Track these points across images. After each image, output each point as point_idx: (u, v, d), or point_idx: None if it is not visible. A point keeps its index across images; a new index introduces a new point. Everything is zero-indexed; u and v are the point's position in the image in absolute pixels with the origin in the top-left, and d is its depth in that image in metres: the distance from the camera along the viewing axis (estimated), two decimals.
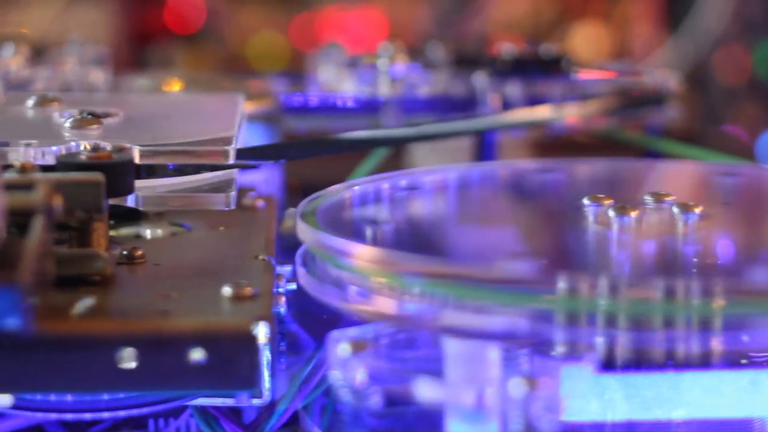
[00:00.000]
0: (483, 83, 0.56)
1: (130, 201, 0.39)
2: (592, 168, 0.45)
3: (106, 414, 0.38)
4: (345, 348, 0.33)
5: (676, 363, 0.35)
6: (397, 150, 0.59)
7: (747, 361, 0.36)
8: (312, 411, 0.40)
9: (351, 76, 0.57)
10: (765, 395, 0.36)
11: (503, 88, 0.56)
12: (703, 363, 0.34)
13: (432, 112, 0.55)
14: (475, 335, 0.32)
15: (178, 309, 0.35)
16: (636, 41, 1.26)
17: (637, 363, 0.34)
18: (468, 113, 0.54)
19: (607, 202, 0.40)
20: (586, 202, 0.41)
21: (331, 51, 0.59)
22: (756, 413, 0.36)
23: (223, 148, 0.39)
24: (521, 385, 0.31)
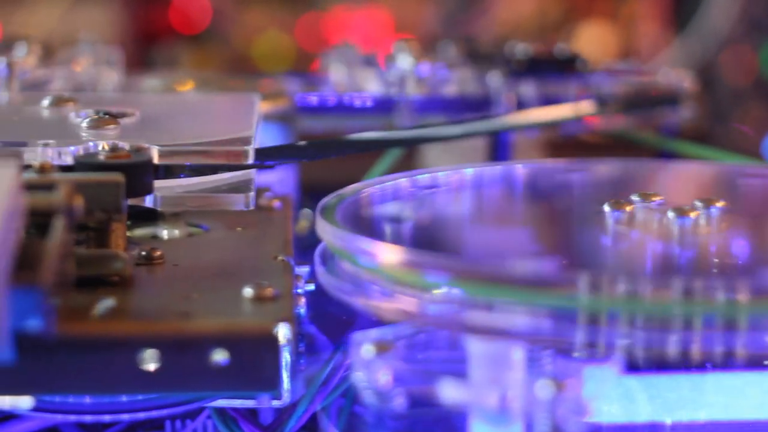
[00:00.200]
0: (498, 83, 0.55)
1: (148, 201, 0.39)
2: (613, 168, 0.45)
3: (125, 416, 0.38)
4: (369, 349, 0.33)
5: (699, 364, 0.34)
6: (409, 150, 0.58)
7: None
8: (329, 413, 0.40)
9: (369, 75, 0.56)
10: None
11: (518, 87, 0.55)
12: (727, 364, 0.34)
13: (446, 111, 0.54)
14: (499, 336, 0.32)
15: (199, 310, 0.34)
16: (642, 41, 1.26)
17: (661, 364, 0.34)
18: (483, 113, 0.54)
19: (631, 204, 0.40)
20: (608, 203, 0.40)
21: (344, 50, 0.58)
22: None
23: (243, 148, 0.39)
24: (548, 387, 0.31)
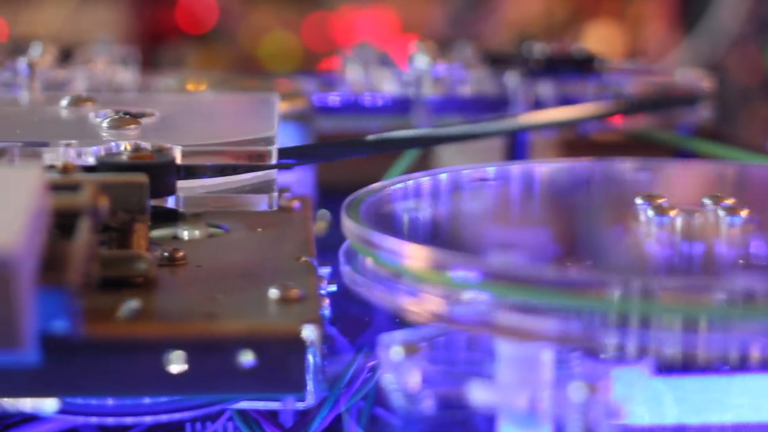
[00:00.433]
0: (515, 83, 0.55)
1: (170, 202, 0.38)
2: (641, 167, 0.45)
3: (147, 418, 0.38)
4: (398, 351, 0.33)
5: (726, 366, 0.34)
6: (425, 150, 0.58)
7: None
8: (350, 415, 0.39)
9: (386, 75, 0.56)
10: None
11: (535, 87, 0.55)
12: (754, 366, 0.33)
13: (463, 112, 0.54)
14: (529, 338, 0.32)
15: (225, 311, 0.34)
16: (650, 41, 1.26)
17: (689, 366, 0.34)
18: (501, 113, 0.54)
19: (660, 202, 0.40)
20: (639, 202, 0.40)
21: (362, 50, 0.58)
22: None
23: (267, 148, 0.39)
24: (581, 390, 0.31)
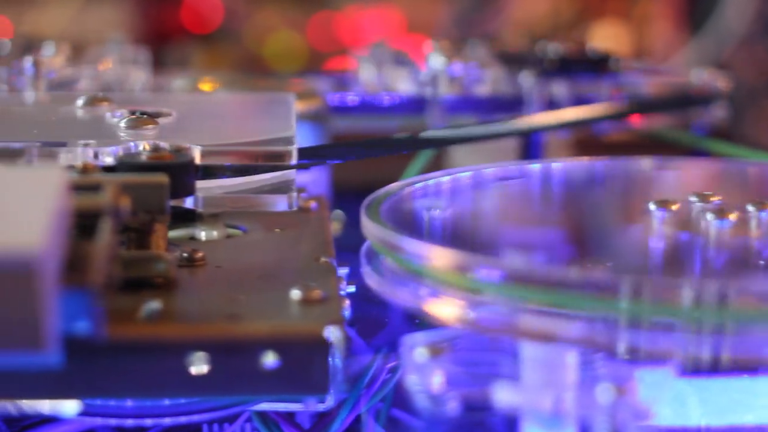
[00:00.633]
0: (530, 83, 0.55)
1: (189, 202, 0.38)
2: (661, 166, 0.45)
3: (167, 420, 0.37)
4: (422, 352, 0.33)
5: (750, 368, 0.34)
6: (438, 151, 0.58)
7: None
8: (369, 416, 0.39)
9: (401, 74, 0.56)
10: None
11: (550, 87, 0.55)
12: None
13: (478, 111, 0.54)
14: (553, 341, 0.32)
15: (247, 312, 0.34)
16: (656, 41, 1.26)
17: (714, 367, 0.34)
18: (517, 113, 0.53)
19: (679, 204, 0.40)
20: (658, 203, 0.40)
21: (378, 49, 0.58)
22: None
23: (287, 148, 0.39)
24: (608, 391, 0.30)
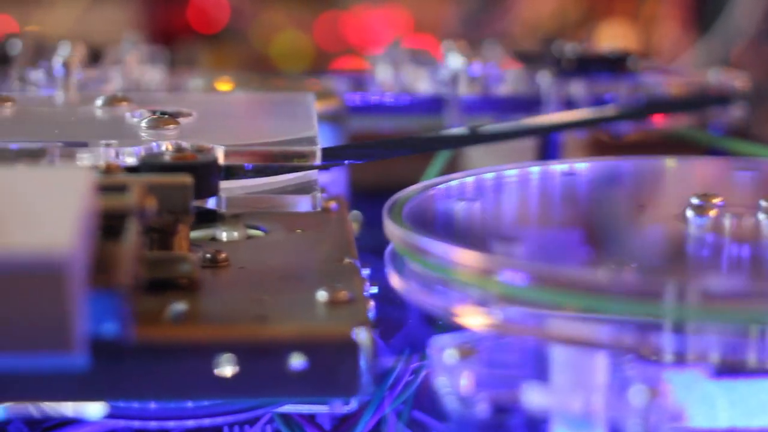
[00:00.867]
0: (547, 83, 0.55)
1: (212, 203, 0.38)
2: (690, 166, 0.44)
3: (190, 422, 0.37)
4: (452, 354, 0.32)
5: None
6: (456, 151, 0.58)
7: None
8: (392, 418, 0.39)
9: (419, 74, 0.56)
10: None
11: (567, 87, 0.55)
12: None
13: (496, 111, 0.54)
14: (582, 344, 0.32)
15: (274, 314, 0.34)
16: (663, 41, 1.26)
17: (744, 369, 0.33)
18: (535, 113, 0.53)
19: (713, 204, 0.39)
20: (692, 203, 0.39)
21: (395, 49, 0.58)
22: None
23: (311, 148, 0.38)
24: (642, 394, 0.30)
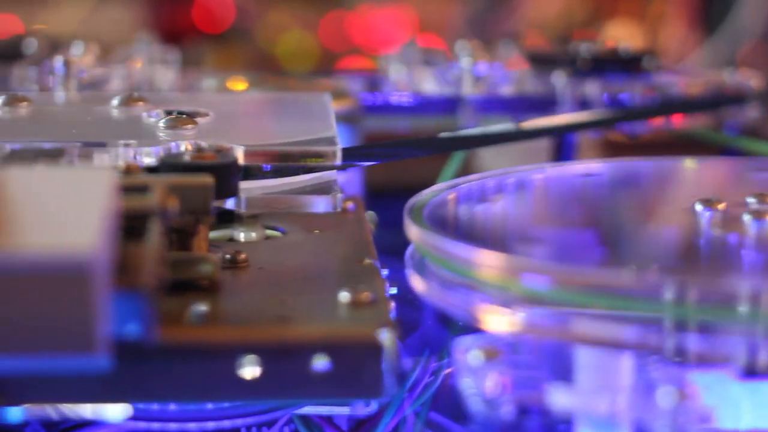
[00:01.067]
0: (562, 83, 0.54)
1: (232, 203, 0.38)
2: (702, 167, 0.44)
3: (210, 424, 0.37)
4: (477, 355, 0.32)
5: None
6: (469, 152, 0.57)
7: None
8: (412, 420, 0.39)
9: (432, 75, 0.55)
10: None
11: (582, 87, 0.54)
12: None
13: (511, 112, 0.54)
14: (606, 345, 0.31)
15: (296, 315, 0.33)
16: (670, 41, 1.25)
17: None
18: (549, 113, 0.53)
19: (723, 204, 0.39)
20: (705, 203, 0.39)
21: (409, 49, 0.57)
22: None
23: (331, 148, 0.38)
24: (671, 395, 0.30)
